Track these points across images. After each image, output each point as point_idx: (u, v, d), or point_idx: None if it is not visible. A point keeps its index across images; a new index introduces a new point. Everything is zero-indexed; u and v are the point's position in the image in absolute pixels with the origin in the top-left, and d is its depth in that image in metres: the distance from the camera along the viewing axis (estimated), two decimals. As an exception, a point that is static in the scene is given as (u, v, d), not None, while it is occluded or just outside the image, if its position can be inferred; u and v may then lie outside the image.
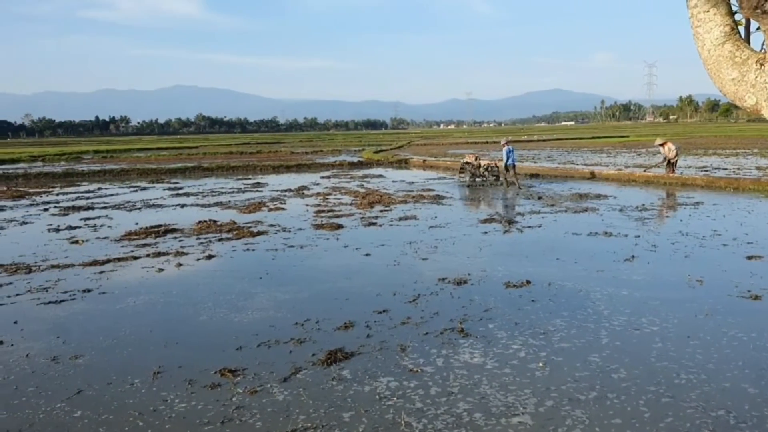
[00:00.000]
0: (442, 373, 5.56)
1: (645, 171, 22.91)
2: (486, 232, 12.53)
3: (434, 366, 5.73)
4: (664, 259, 9.86)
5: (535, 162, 31.98)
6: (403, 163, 35.43)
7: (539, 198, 17.80)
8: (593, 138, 68.69)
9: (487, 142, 60.05)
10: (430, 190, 20.79)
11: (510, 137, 29.37)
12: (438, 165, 32.21)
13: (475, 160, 23.33)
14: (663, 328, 6.61)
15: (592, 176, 23.53)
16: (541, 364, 5.69)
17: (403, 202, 17.39)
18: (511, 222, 13.61)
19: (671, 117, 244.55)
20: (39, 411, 5.07)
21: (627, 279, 8.62)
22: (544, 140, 65.69)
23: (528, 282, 8.49)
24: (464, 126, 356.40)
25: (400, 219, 14.41)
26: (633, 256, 9.97)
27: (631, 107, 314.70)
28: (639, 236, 11.66)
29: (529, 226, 13.03)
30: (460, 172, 24.10)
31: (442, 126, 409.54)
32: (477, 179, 22.65)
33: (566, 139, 68.79)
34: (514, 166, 20.71)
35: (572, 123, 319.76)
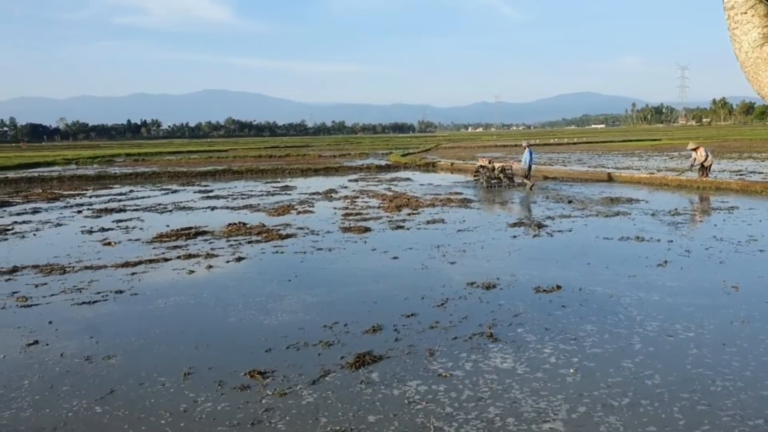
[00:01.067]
0: (471, 378, 5.52)
1: (679, 175, 22.51)
2: (515, 236, 12.42)
3: (463, 370, 5.69)
4: (698, 264, 9.66)
5: (564, 165, 31.65)
6: (430, 166, 35.39)
7: (569, 201, 17.60)
8: (624, 141, 67.74)
9: (516, 145, 59.66)
10: (458, 193, 20.72)
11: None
12: (466, 168, 32.03)
13: (489, 163, 23.99)
14: (698, 334, 6.47)
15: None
16: (572, 370, 5.61)
17: (431, 206, 17.34)
18: (540, 226, 13.45)
19: (704, 120, 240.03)
20: (72, 409, 5.16)
21: (660, 284, 8.45)
22: (574, 143, 65.02)
23: (558, 287, 8.38)
24: (493, 129, 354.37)
25: (428, 222, 14.37)
26: (666, 262, 9.78)
27: (663, 110, 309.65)
28: (672, 241, 11.44)
29: (559, 230, 12.88)
30: (475, 175, 24.69)
31: (470, 129, 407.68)
32: (493, 181, 23.06)
33: (597, 142, 67.98)
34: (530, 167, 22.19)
35: (602, 126, 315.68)
